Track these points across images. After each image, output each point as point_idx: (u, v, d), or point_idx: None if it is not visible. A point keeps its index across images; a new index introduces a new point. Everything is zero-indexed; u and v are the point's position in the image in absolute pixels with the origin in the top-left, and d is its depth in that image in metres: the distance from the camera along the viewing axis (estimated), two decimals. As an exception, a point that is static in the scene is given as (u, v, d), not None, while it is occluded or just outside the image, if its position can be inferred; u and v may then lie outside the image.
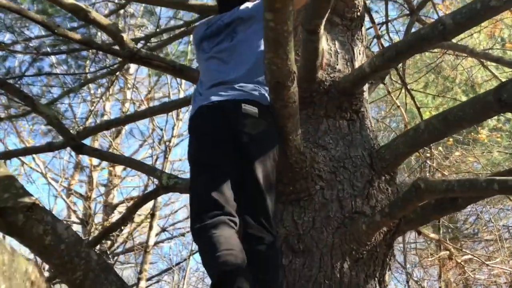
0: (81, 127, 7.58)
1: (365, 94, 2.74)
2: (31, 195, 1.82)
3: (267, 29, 1.81)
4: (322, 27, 2.17)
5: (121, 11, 6.50)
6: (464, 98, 7.63)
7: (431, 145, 5.82)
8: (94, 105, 8.39)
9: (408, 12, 5.98)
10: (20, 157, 8.66)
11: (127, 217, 3.30)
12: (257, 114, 2.02)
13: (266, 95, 2.10)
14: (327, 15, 2.10)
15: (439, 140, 2.35)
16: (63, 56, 6.29)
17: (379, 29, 6.43)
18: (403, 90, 6.14)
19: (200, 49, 2.39)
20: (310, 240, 2.12)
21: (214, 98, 2.06)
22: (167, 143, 8.91)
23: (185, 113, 8.96)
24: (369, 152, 2.42)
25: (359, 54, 2.90)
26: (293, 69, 1.93)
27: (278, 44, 1.83)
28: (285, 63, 1.89)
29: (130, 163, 3.02)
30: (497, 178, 1.70)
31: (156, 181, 3.15)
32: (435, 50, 6.03)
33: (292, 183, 2.22)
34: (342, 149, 2.40)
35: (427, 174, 7.28)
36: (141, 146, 10.88)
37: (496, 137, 9.06)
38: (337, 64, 2.69)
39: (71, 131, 7.65)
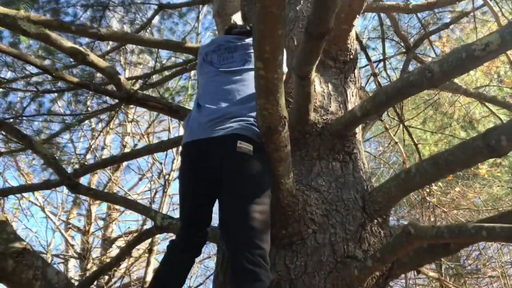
0: (81, 161, 7.61)
1: (358, 136, 2.77)
2: (22, 240, 1.83)
3: (258, 77, 1.85)
4: (313, 72, 2.21)
5: (121, 48, 6.61)
6: (463, 134, 7.68)
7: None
8: (94, 139, 8.44)
9: (404, 50, 6.11)
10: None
11: (121, 257, 3.28)
12: (251, 152, 2.05)
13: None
14: (317, 61, 2.14)
15: (431, 183, 2.36)
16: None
17: (377, 66, 6.54)
18: (401, 126, 6.18)
19: (206, 61, 2.43)
20: (302, 285, 2.10)
21: (210, 134, 2.09)
22: (166, 177, 8.92)
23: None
24: (362, 195, 2.43)
25: (352, 96, 2.94)
26: (284, 114, 1.96)
27: (269, 91, 1.87)
28: (276, 109, 1.92)
29: (125, 203, 3.03)
30: (485, 225, 1.70)
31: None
32: (432, 87, 6.10)
33: (284, 227, 2.22)
34: (335, 192, 2.41)
35: (427, 211, 7.25)
36: (140, 179, 10.88)
37: (496, 171, 9.04)
38: (330, 106, 2.72)
39: (71, 165, 7.69)
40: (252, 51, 2.28)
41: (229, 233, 2.01)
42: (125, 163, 9.96)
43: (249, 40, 2.40)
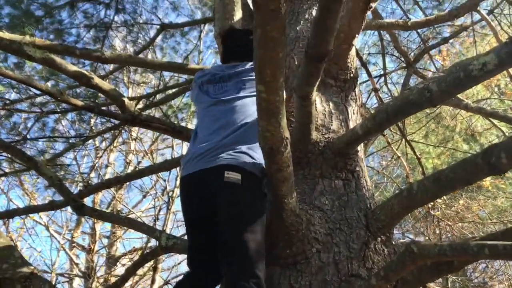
0: (85, 180, 7.64)
1: (360, 153, 2.79)
2: (29, 264, 1.85)
3: (259, 99, 1.89)
4: (314, 93, 2.25)
5: (125, 68, 6.68)
6: (465, 147, 7.68)
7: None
8: (98, 158, 8.49)
9: (405, 64, 6.16)
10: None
11: (127, 278, 3.29)
12: (239, 181, 2.09)
13: (257, 158, 2.17)
14: (318, 82, 2.18)
15: (433, 201, 2.37)
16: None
17: (377, 81, 6.58)
18: (403, 141, 6.20)
19: (203, 91, 2.48)
20: (307, 305, 2.11)
21: (201, 167, 2.16)
22: (170, 194, 8.94)
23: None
24: (365, 213, 2.44)
25: (354, 113, 2.97)
26: (286, 135, 1.99)
27: (271, 113, 1.90)
28: (278, 130, 1.95)
29: (130, 223, 3.05)
30: (488, 242, 1.71)
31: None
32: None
33: (288, 246, 2.24)
34: (338, 210, 2.42)
35: (432, 224, 7.22)
36: (144, 197, 10.89)
37: (500, 183, 9.02)
38: (332, 125, 2.75)
39: (75, 183, 7.70)
40: (245, 78, 2.37)
41: (226, 263, 2.05)
42: (129, 180, 10.00)
43: (242, 68, 2.43)
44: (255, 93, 2.12)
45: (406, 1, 7.33)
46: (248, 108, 2.29)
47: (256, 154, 2.18)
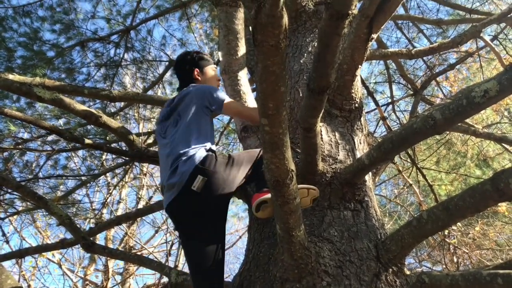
0: (97, 217, 7.66)
1: (368, 183, 2.77)
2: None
3: (263, 132, 1.90)
4: (318, 124, 2.26)
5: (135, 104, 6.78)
6: (478, 172, 7.59)
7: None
8: (110, 193, 8.53)
9: (412, 92, 6.17)
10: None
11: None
12: (205, 178, 2.33)
13: (205, 149, 2.44)
14: (321, 113, 2.19)
15: (444, 229, 2.33)
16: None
17: (385, 110, 6.60)
18: (414, 168, 6.16)
19: (157, 133, 2.75)
20: None
21: (168, 201, 2.41)
22: (182, 229, 8.88)
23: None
24: (375, 244, 2.41)
25: (360, 143, 2.97)
26: (291, 167, 1.99)
27: (275, 145, 1.91)
28: (283, 163, 1.96)
29: (139, 260, 3.04)
30: (501, 272, 1.68)
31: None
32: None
33: (298, 280, 2.20)
34: (348, 242, 2.39)
35: (448, 252, 7.08)
36: (156, 232, 10.85)
37: (516, 209, 8.85)
38: (338, 155, 2.75)
39: (87, 220, 7.72)
40: (180, 108, 2.61)
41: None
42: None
43: (176, 100, 2.67)
44: (192, 115, 2.54)
45: (411, 30, 7.42)
46: (188, 130, 2.53)
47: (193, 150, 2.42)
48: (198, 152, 2.41)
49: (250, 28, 3.60)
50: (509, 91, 1.78)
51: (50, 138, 5.85)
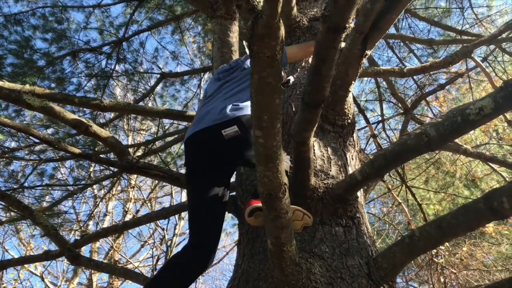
0: (82, 229, 7.54)
1: (360, 199, 2.75)
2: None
3: (257, 144, 1.87)
4: (311, 138, 2.24)
5: (125, 115, 6.74)
6: (466, 193, 7.63)
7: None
8: (96, 206, 8.41)
9: (402, 111, 6.21)
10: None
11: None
12: (238, 132, 2.34)
13: (246, 109, 2.43)
14: (315, 128, 2.18)
15: (436, 247, 2.31)
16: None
17: (376, 127, 6.62)
18: (403, 187, 6.16)
19: (215, 78, 2.90)
20: None
21: (194, 130, 2.46)
22: (168, 243, 8.80)
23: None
24: (367, 261, 2.38)
25: (352, 159, 2.96)
26: (284, 181, 1.97)
27: (268, 158, 1.89)
28: (276, 176, 1.93)
29: (125, 274, 2.97)
30: (495, 292, 1.65)
31: None
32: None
33: (288, 297, 2.16)
34: (339, 258, 2.36)
35: (436, 272, 7.06)
36: (142, 246, 10.71)
37: (503, 229, 8.90)
38: (330, 170, 2.73)
39: (73, 232, 7.58)
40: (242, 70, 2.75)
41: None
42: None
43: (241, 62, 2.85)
44: (241, 77, 2.70)
45: (402, 49, 7.50)
46: (237, 86, 2.67)
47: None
48: (247, 110, 2.42)
49: (244, 42, 3.60)
50: (504, 109, 1.78)
51: (37, 148, 5.77)
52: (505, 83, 1.73)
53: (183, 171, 8.03)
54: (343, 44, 2.66)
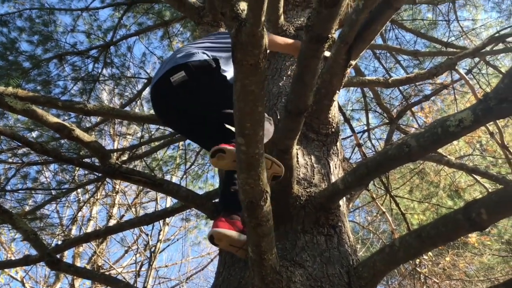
0: (65, 234, 7.45)
1: (342, 208, 2.76)
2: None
3: (239, 152, 1.88)
4: (294, 146, 2.25)
5: (110, 120, 6.69)
6: (450, 203, 7.69)
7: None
8: (80, 210, 8.32)
9: (388, 120, 6.26)
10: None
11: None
12: (186, 77, 2.29)
13: (207, 55, 2.38)
14: (298, 136, 2.19)
15: (416, 257, 2.33)
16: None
17: (361, 137, 6.67)
18: (388, 196, 6.20)
19: None
20: None
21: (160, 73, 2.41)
22: (152, 249, 8.73)
23: (172, 218, 8.91)
24: (347, 270, 2.38)
25: (335, 168, 2.97)
26: (266, 189, 1.97)
27: (250, 166, 1.89)
28: (257, 184, 1.93)
29: (106, 280, 2.94)
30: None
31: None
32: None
33: (268, 305, 2.15)
34: (320, 267, 2.36)
35: (419, 281, 7.10)
36: (126, 252, 10.62)
37: (486, 240, 8.99)
38: (313, 179, 2.74)
39: (56, 237, 7.48)
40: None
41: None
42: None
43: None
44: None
45: (388, 59, 7.58)
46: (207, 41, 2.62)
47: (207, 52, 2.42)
48: (199, 54, 2.37)
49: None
50: (483, 122, 1.81)
51: (20, 151, 5.71)
52: (484, 96, 1.75)
53: (168, 177, 8.01)
54: (328, 54, 2.69)
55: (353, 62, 2.69)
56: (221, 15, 2.92)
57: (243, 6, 1.66)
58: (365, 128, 6.64)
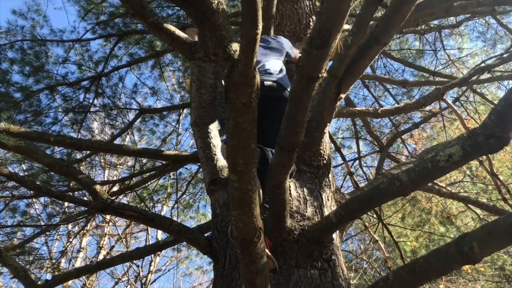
0: (55, 266, 7.33)
1: (336, 241, 2.76)
2: None
3: (232, 188, 1.89)
4: (287, 181, 2.26)
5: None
6: (442, 229, 7.70)
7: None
8: (70, 242, 8.19)
9: (378, 148, 6.31)
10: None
11: None
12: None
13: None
14: (290, 170, 2.20)
15: (410, 291, 2.31)
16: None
17: (352, 165, 6.71)
18: (380, 224, 6.20)
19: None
20: None
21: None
22: (143, 280, 8.60)
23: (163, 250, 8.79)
24: (342, 304, 2.37)
25: (328, 200, 2.98)
26: (259, 225, 1.97)
27: (243, 202, 1.90)
28: (251, 220, 1.94)
29: (97, 317, 2.89)
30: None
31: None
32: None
33: None
34: (314, 302, 2.34)
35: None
36: (116, 283, 10.42)
37: (479, 266, 8.97)
38: (306, 212, 2.74)
39: (45, 269, 7.32)
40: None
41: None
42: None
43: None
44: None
45: (377, 88, 7.68)
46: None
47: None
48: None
49: (223, 81, 3.65)
50: (471, 157, 1.84)
51: (10, 184, 5.65)
52: (472, 132, 1.79)
53: (159, 206, 7.92)
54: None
55: (343, 96, 2.73)
56: (213, 56, 2.96)
57: (235, 47, 1.70)
58: (356, 156, 6.68)
